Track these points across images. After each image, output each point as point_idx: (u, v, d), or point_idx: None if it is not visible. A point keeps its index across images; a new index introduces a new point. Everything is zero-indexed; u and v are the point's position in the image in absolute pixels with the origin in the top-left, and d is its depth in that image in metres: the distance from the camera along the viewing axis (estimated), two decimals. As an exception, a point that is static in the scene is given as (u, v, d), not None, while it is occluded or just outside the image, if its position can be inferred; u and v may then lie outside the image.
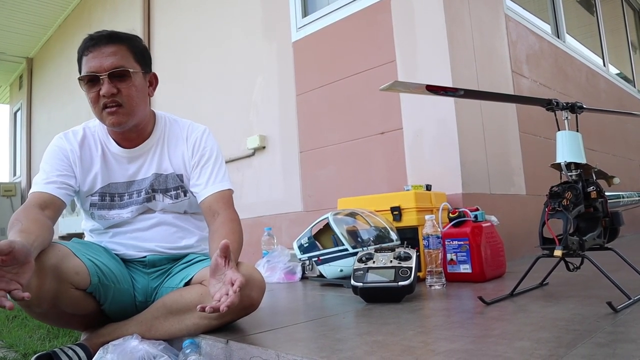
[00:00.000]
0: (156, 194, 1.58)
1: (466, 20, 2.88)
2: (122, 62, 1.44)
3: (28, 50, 8.15)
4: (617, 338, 1.05)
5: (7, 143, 9.76)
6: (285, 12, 3.64)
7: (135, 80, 1.47)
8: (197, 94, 4.40)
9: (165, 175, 1.59)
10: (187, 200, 1.61)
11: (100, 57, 1.43)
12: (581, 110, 1.59)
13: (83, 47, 1.46)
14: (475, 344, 1.08)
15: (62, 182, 1.48)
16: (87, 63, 1.44)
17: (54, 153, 1.55)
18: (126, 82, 1.45)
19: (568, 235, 1.41)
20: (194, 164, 1.59)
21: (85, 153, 1.56)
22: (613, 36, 5.85)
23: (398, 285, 1.66)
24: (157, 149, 1.60)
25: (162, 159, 1.59)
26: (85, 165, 1.55)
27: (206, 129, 1.66)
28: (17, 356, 1.70)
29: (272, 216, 3.59)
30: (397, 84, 1.57)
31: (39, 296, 1.22)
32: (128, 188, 1.58)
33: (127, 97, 1.45)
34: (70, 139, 1.57)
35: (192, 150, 1.60)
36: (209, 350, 1.29)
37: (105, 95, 1.42)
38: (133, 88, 1.47)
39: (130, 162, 1.58)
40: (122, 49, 1.46)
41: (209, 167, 1.58)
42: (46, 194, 1.44)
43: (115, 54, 1.44)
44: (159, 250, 1.56)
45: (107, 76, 1.42)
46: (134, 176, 1.58)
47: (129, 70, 1.45)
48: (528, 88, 3.44)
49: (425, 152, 2.75)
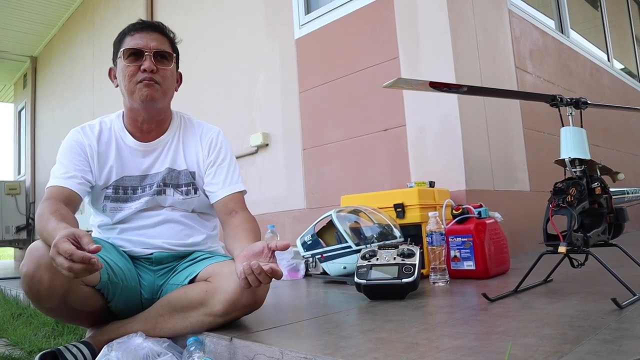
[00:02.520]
0: (167, 189, 1.59)
1: (469, 16, 2.87)
2: (165, 46, 1.56)
3: (32, 49, 8.17)
4: (622, 334, 1.05)
5: (12, 142, 9.80)
6: (288, 9, 3.63)
7: (172, 66, 1.58)
8: (200, 91, 4.39)
9: (179, 171, 1.61)
10: (197, 198, 1.62)
11: (147, 37, 1.53)
12: (585, 106, 1.59)
13: (130, 28, 1.55)
14: (479, 340, 1.08)
15: (82, 176, 1.51)
16: (133, 40, 1.52)
17: (71, 147, 1.56)
18: (166, 64, 1.55)
19: (572, 232, 1.41)
20: (210, 162, 1.62)
21: (102, 147, 1.58)
22: (617, 31, 5.81)
23: (402, 282, 1.65)
24: (172, 144, 1.63)
25: (176, 154, 1.62)
26: (102, 159, 1.57)
27: (220, 130, 1.71)
28: (23, 354, 1.71)
29: (275, 213, 3.59)
30: (401, 80, 1.57)
31: (50, 291, 1.24)
32: (141, 182, 1.59)
33: (163, 78, 1.54)
34: (88, 134, 1.59)
35: (207, 149, 1.64)
36: (213, 348, 1.29)
37: (147, 69, 1.49)
38: (169, 72, 1.57)
39: (145, 156, 1.60)
40: (166, 40, 1.58)
41: (224, 168, 1.62)
42: (67, 190, 1.47)
43: (159, 40, 1.55)
44: (166, 247, 1.57)
45: (152, 54, 1.51)
46: (148, 170, 1.60)
47: (172, 54, 1.57)
48: (532, 84, 3.43)
49: (428, 149, 2.74)
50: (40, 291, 1.24)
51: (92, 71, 6.25)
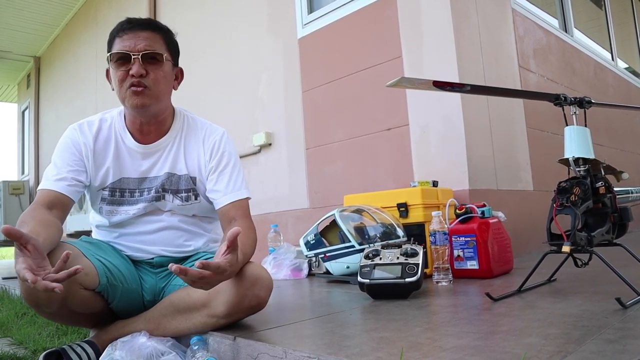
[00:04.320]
0: (166, 194, 1.55)
1: (473, 15, 2.87)
2: (155, 47, 1.46)
3: (35, 49, 8.19)
4: (627, 334, 1.04)
5: (16, 142, 9.83)
6: (290, 9, 3.63)
7: (165, 67, 1.48)
8: (202, 91, 4.40)
9: (179, 176, 1.56)
10: (198, 204, 1.57)
11: (135, 38, 1.43)
12: (589, 105, 1.58)
13: (118, 29, 1.46)
14: (482, 340, 1.08)
15: (72, 178, 1.46)
16: (121, 42, 1.44)
17: (66, 146, 1.51)
18: (156, 66, 1.45)
19: (576, 231, 1.40)
20: (212, 168, 1.55)
21: (99, 146, 1.53)
22: (622, 30, 5.79)
23: (405, 281, 1.65)
24: (173, 147, 1.57)
25: (177, 158, 1.56)
26: (98, 159, 1.53)
27: (225, 132, 1.63)
28: (27, 353, 1.71)
29: (278, 213, 3.59)
30: (404, 80, 1.56)
31: (49, 297, 1.21)
32: (140, 185, 1.55)
33: (154, 81, 1.45)
34: (85, 132, 1.53)
35: (210, 153, 1.57)
36: (216, 347, 1.29)
37: (135, 75, 1.41)
38: (161, 73, 1.47)
39: (145, 158, 1.55)
40: (157, 36, 1.48)
41: (227, 173, 1.55)
42: (54, 193, 1.42)
43: (150, 39, 1.45)
44: (165, 255, 1.56)
45: (140, 57, 1.42)
46: (147, 173, 1.55)
47: (162, 55, 1.46)
48: (535, 83, 3.42)
49: (431, 148, 2.74)
50: (39, 297, 1.21)
51: (96, 71, 6.26)
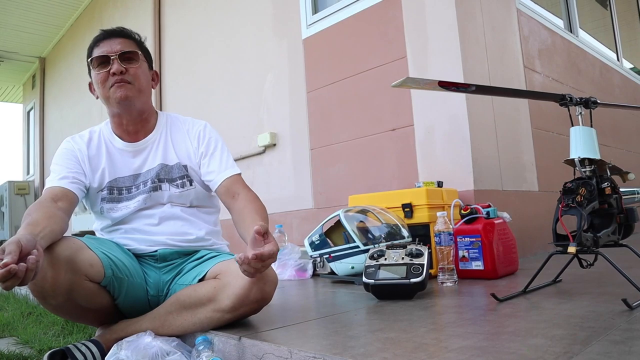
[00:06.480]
0: (162, 184, 1.62)
1: (478, 15, 2.86)
2: (131, 47, 1.59)
3: (40, 50, 8.23)
4: (633, 335, 1.04)
5: (21, 142, 9.87)
6: (295, 9, 3.64)
7: (142, 65, 1.61)
8: (207, 91, 4.41)
9: (171, 165, 1.64)
10: (194, 189, 1.64)
11: (110, 43, 1.57)
12: (595, 106, 1.58)
13: (95, 41, 1.60)
14: (488, 341, 1.07)
15: (74, 177, 1.55)
16: (99, 49, 1.57)
17: (63, 154, 1.62)
18: (134, 64, 1.58)
19: (582, 232, 1.40)
20: (202, 153, 1.65)
21: (92, 152, 1.63)
22: (627, 30, 5.76)
23: (410, 282, 1.65)
24: (161, 141, 1.66)
25: (167, 150, 1.65)
26: (94, 163, 1.62)
27: (207, 123, 1.74)
28: (32, 352, 1.72)
29: (283, 213, 3.60)
30: (409, 80, 1.56)
31: (54, 288, 1.26)
32: (134, 181, 1.63)
33: (134, 77, 1.57)
34: (78, 141, 1.65)
35: (197, 141, 1.67)
36: (221, 347, 1.29)
37: (115, 72, 1.53)
38: (140, 70, 1.60)
39: (135, 156, 1.64)
40: (131, 42, 1.62)
41: (217, 155, 1.65)
42: (59, 188, 1.50)
43: (124, 43, 1.59)
44: (170, 243, 1.58)
45: (117, 56, 1.54)
46: (139, 169, 1.64)
47: (137, 53, 1.60)
48: (540, 83, 3.41)
49: (436, 149, 2.74)
50: (45, 288, 1.26)
51: (101, 71, 6.27)
